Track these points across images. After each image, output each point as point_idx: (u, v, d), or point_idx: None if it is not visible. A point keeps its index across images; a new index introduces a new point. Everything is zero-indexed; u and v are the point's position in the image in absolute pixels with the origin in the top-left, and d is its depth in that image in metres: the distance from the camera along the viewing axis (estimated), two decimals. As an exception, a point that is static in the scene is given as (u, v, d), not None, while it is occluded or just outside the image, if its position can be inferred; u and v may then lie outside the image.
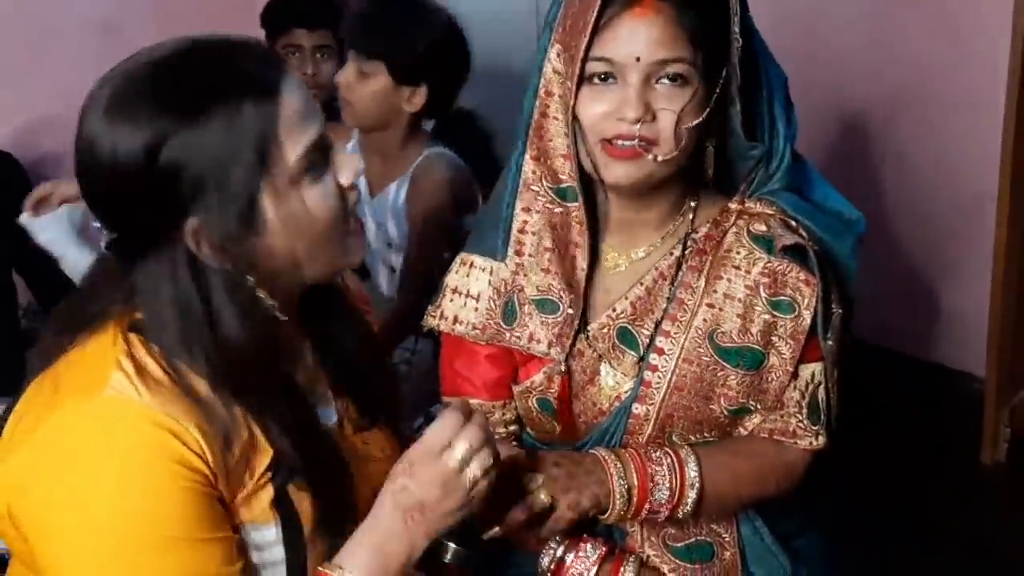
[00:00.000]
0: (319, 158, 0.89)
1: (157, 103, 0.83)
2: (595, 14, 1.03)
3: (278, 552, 0.92)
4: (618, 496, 1.09)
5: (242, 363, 0.88)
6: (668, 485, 1.11)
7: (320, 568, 0.93)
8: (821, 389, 1.17)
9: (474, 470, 0.93)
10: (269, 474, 0.90)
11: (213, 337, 0.87)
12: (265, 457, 0.90)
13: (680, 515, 1.13)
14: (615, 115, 1.06)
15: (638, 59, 1.03)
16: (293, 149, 0.86)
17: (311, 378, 1.01)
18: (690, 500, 1.12)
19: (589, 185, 1.14)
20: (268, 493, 0.90)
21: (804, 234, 1.14)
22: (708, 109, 1.06)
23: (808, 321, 1.13)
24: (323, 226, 0.90)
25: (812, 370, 1.16)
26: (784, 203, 1.15)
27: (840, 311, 1.15)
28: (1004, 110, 2.15)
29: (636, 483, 1.10)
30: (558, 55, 1.09)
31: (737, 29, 1.06)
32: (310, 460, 0.91)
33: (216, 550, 0.87)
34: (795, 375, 1.15)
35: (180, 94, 0.84)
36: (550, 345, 1.17)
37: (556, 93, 1.10)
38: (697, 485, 1.12)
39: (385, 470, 1.01)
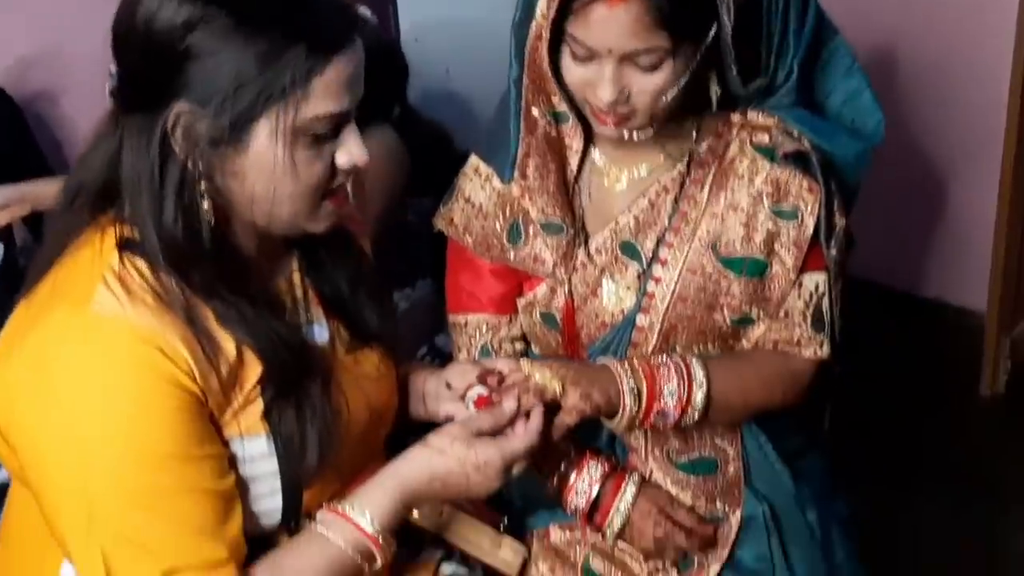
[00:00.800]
0: (330, 130, 0.89)
1: None
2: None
3: (270, 464, 0.93)
4: (627, 395, 1.10)
5: (203, 269, 0.89)
6: (676, 387, 1.12)
7: (334, 505, 0.96)
8: (825, 299, 1.18)
9: (514, 471, 1.00)
10: (259, 388, 0.91)
11: (155, 222, 0.87)
12: (254, 371, 0.91)
13: (689, 420, 1.14)
14: (593, 88, 1.07)
15: (610, 50, 1.04)
16: (312, 108, 0.86)
17: (300, 297, 1.01)
18: (698, 402, 1.12)
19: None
20: (258, 406, 0.92)
21: (807, 143, 1.15)
22: (686, 78, 1.07)
23: (811, 228, 1.15)
24: (292, 187, 0.90)
25: (816, 280, 1.18)
26: (786, 116, 1.16)
27: (844, 221, 1.17)
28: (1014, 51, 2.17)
29: (644, 385, 1.11)
30: None
31: (725, 7, 1.05)
32: (295, 368, 0.93)
33: (206, 466, 0.88)
34: (799, 285, 1.17)
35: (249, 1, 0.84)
36: (555, 266, 1.19)
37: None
38: (704, 386, 1.12)
39: (379, 389, 1.07)
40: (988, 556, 2.05)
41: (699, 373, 1.13)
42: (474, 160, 1.25)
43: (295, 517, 0.97)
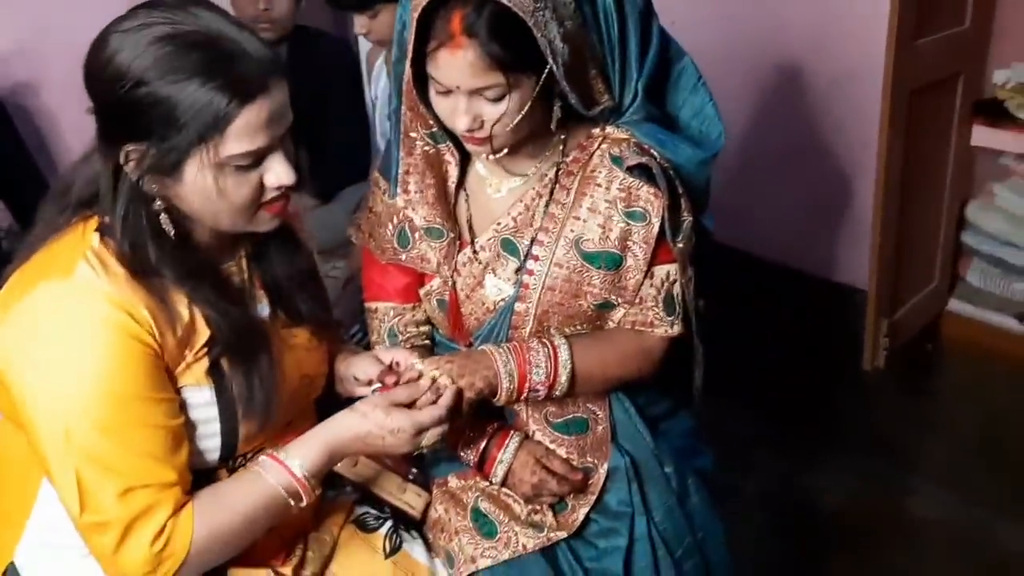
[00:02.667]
0: (252, 162, 1.03)
1: (159, 55, 0.97)
2: (412, 45, 1.18)
3: (212, 411, 1.11)
4: (503, 377, 1.27)
5: (169, 262, 1.06)
6: (545, 367, 1.28)
7: (272, 452, 1.13)
8: (676, 286, 1.33)
9: (428, 439, 1.17)
10: (206, 348, 1.09)
11: (126, 233, 1.04)
12: (203, 335, 1.09)
13: (557, 392, 1.30)
14: (452, 117, 1.22)
15: (458, 87, 1.18)
16: (228, 149, 1.00)
17: (246, 279, 1.19)
18: (563, 378, 1.29)
19: None
20: (204, 364, 1.09)
21: (655, 154, 1.28)
22: (530, 103, 1.20)
23: (656, 228, 1.29)
24: (227, 205, 1.05)
25: (667, 270, 1.32)
26: (636, 131, 1.29)
27: (690, 217, 1.31)
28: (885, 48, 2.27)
29: (516, 368, 1.28)
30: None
31: (550, 53, 1.14)
32: (238, 335, 1.10)
33: (161, 407, 1.06)
34: (651, 275, 1.32)
35: (178, 59, 0.97)
36: (439, 265, 1.37)
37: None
38: (569, 366, 1.29)
39: (311, 359, 1.25)
40: (887, 520, 2.16)
41: (564, 355, 1.28)
42: (376, 175, 1.43)
43: (231, 456, 1.15)
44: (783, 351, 2.61)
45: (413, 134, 1.34)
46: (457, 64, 1.16)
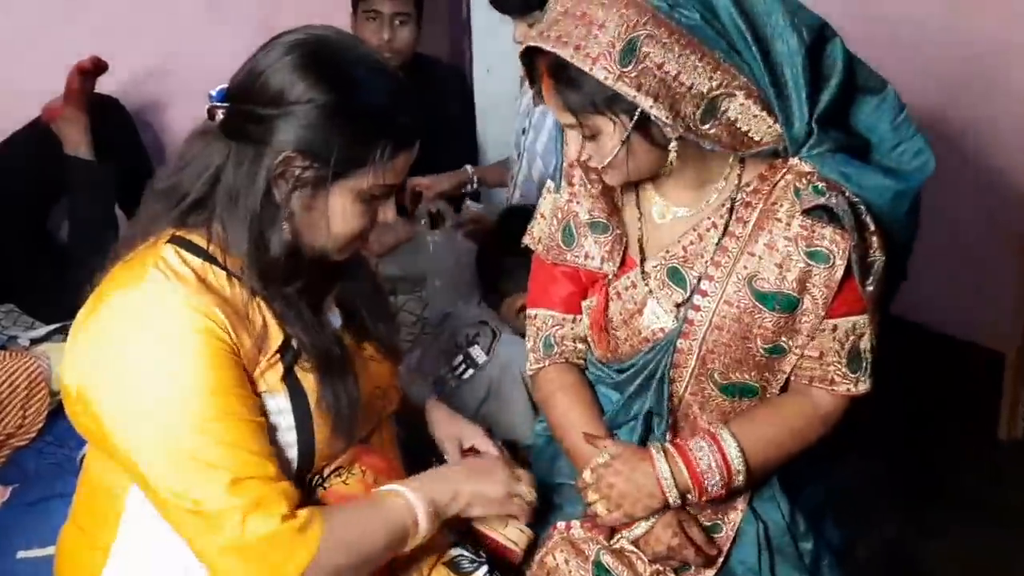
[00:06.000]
0: (382, 195, 1.14)
1: (363, 75, 1.09)
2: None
3: (288, 419, 1.11)
4: (671, 495, 1.24)
5: (270, 269, 1.10)
6: (717, 479, 1.23)
7: (388, 487, 1.15)
8: (864, 339, 1.23)
9: (522, 498, 1.26)
10: (279, 355, 1.10)
11: (260, 250, 1.09)
12: (276, 341, 1.11)
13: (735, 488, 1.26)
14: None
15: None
16: (381, 179, 1.10)
17: (322, 294, 1.22)
18: (740, 483, 1.25)
19: None
20: (278, 370, 1.10)
21: (844, 189, 1.19)
22: (626, 143, 1.16)
23: (841, 271, 1.19)
24: (346, 230, 1.12)
25: (852, 322, 1.22)
26: (820, 164, 1.20)
27: (883, 257, 1.21)
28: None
29: (692, 487, 1.23)
30: None
31: (632, 93, 1.11)
32: (315, 343, 1.12)
33: (247, 401, 1.06)
34: (834, 328, 1.22)
35: (360, 99, 1.08)
36: (603, 260, 1.31)
37: None
38: (743, 474, 1.24)
39: (381, 371, 1.28)
40: None
41: (736, 460, 1.23)
42: (548, 182, 1.41)
43: (308, 468, 1.15)
44: (916, 414, 2.50)
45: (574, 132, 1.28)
46: (552, 103, 1.21)
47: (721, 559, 1.30)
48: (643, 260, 1.30)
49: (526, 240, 1.43)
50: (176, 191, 1.12)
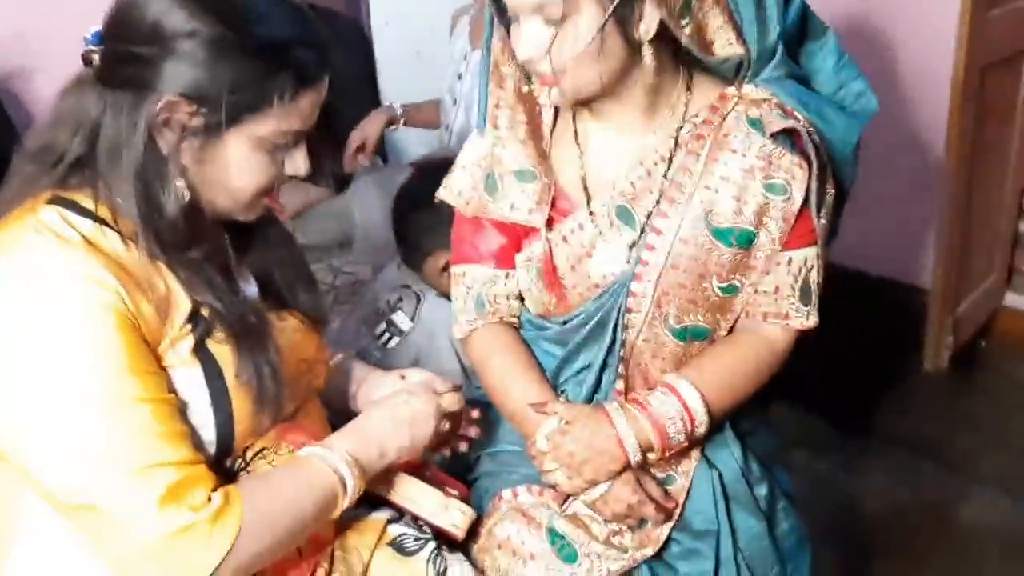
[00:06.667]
0: (288, 143, 1.02)
1: (231, 19, 0.94)
2: None
3: (203, 395, 1.00)
4: (632, 454, 1.17)
5: (167, 232, 0.97)
6: (680, 428, 1.17)
7: (308, 450, 1.05)
8: (813, 272, 1.20)
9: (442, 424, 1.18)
10: (189, 326, 0.98)
11: (152, 211, 0.96)
12: (183, 309, 0.98)
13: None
14: (516, 48, 1.12)
15: (517, 8, 1.10)
16: (283, 124, 0.99)
17: (232, 260, 1.09)
18: (701, 432, 1.20)
19: None
20: (189, 342, 0.99)
21: (800, 117, 1.16)
22: (598, 34, 1.07)
23: (799, 203, 1.16)
24: (245, 184, 1.01)
25: (805, 255, 1.19)
26: (778, 89, 1.17)
27: (832, 192, 1.19)
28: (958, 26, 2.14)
29: (654, 441, 1.17)
30: None
31: None
32: (228, 311, 1.01)
33: (150, 380, 0.94)
34: (789, 260, 1.19)
35: (255, 30, 0.95)
36: (530, 212, 1.21)
37: None
38: (704, 423, 1.19)
39: (306, 343, 1.16)
40: (937, 522, 2.10)
41: (698, 409, 1.17)
42: (473, 133, 1.30)
43: (228, 450, 1.03)
44: (837, 353, 2.47)
45: (504, 68, 1.22)
46: None
47: (678, 511, 1.25)
48: (588, 200, 1.21)
49: (441, 194, 1.31)
50: (51, 150, 0.99)
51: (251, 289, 1.12)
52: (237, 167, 1.00)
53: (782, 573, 1.31)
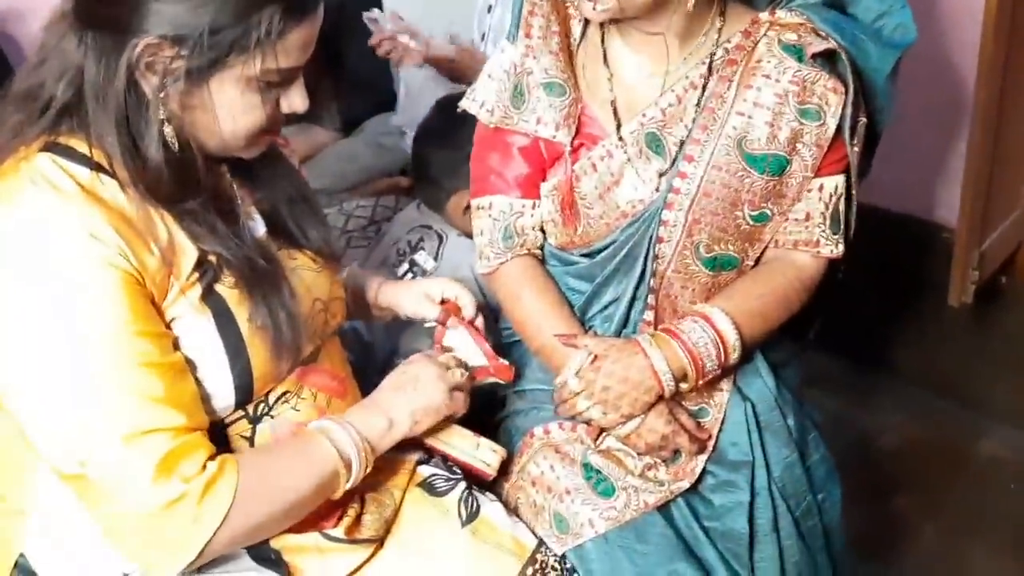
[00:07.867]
0: (282, 81, 0.97)
1: None
2: None
3: (216, 345, 0.97)
4: (667, 391, 1.16)
5: (154, 180, 0.94)
6: (715, 358, 1.16)
7: (316, 424, 1.02)
8: (842, 200, 1.19)
9: (456, 400, 1.14)
10: (196, 274, 0.96)
11: (137, 159, 0.93)
12: (189, 258, 0.96)
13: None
14: None
15: None
16: (273, 62, 0.94)
17: (237, 200, 1.06)
18: (735, 356, 1.18)
19: None
20: (197, 291, 0.96)
21: (834, 43, 1.14)
22: None
23: (832, 130, 1.14)
24: (240, 124, 0.97)
25: (835, 182, 1.18)
26: (813, 14, 1.15)
27: (864, 120, 1.17)
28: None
29: (688, 369, 1.16)
30: None
31: None
32: (235, 255, 0.98)
33: (155, 340, 0.92)
34: (820, 187, 1.17)
35: None
36: (557, 127, 1.19)
37: None
38: (738, 349, 1.17)
39: (320, 282, 1.13)
40: (954, 459, 2.10)
41: (731, 335, 1.16)
42: (503, 42, 1.25)
43: (248, 399, 1.02)
44: (859, 291, 2.50)
45: None
46: None
47: (712, 443, 1.24)
48: (619, 125, 1.18)
49: (464, 104, 1.26)
50: (39, 94, 0.95)
51: (259, 228, 1.08)
52: (226, 110, 0.95)
53: (814, 503, 1.30)
